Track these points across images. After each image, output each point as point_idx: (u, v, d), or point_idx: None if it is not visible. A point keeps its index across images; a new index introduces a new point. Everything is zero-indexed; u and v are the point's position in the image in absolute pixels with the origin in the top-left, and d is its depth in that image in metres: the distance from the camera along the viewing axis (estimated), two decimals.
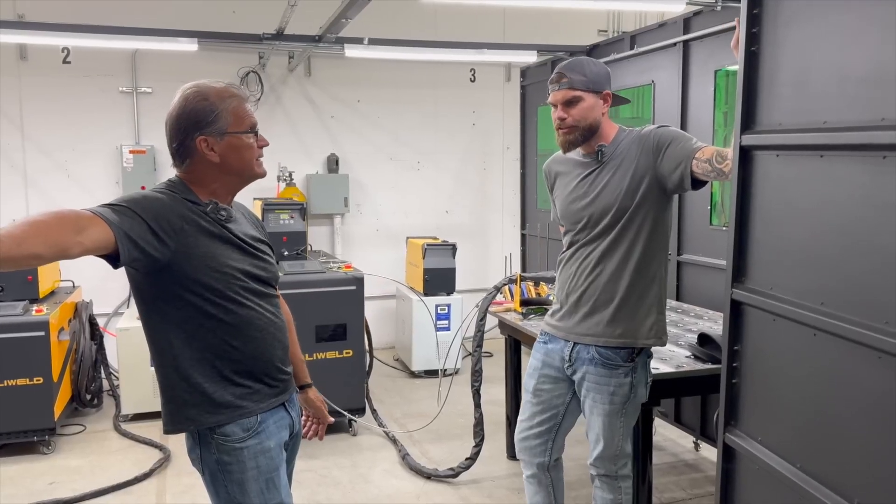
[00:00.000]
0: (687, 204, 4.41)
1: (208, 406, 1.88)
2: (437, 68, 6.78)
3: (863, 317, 1.49)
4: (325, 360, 4.53)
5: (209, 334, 1.86)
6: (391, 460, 4.27)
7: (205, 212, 1.86)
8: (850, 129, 1.50)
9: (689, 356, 3.03)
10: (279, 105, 6.42)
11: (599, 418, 2.54)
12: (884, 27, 1.40)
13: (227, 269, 1.85)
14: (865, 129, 1.45)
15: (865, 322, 1.48)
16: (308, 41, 5.23)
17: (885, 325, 1.42)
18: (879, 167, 1.43)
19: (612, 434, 2.56)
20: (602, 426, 2.55)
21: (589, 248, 2.54)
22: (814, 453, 1.65)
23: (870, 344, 1.46)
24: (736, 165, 1.88)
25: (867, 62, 1.46)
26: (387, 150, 6.81)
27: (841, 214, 1.54)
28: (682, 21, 4.39)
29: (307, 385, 2.29)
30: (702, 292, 4.31)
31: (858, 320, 1.50)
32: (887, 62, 1.39)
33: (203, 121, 1.85)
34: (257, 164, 1.96)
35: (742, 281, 1.90)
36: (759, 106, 1.81)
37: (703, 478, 4.03)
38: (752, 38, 1.81)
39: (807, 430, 1.67)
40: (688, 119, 4.38)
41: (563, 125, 2.50)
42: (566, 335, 2.61)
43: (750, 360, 1.89)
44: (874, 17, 1.44)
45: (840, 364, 1.56)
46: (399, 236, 6.65)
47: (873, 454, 1.47)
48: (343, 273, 4.62)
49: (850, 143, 1.50)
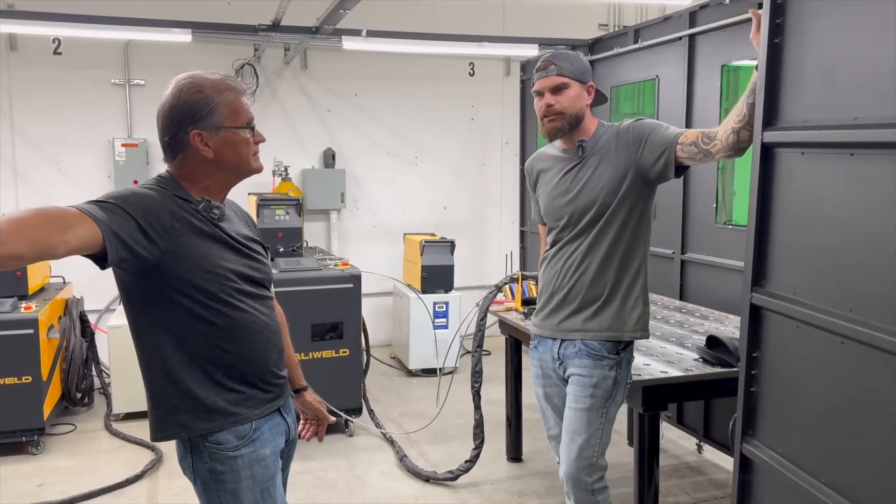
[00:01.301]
0: (691, 201, 4.33)
1: (200, 412, 1.80)
2: (436, 62, 6.68)
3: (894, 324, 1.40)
4: (321, 360, 4.44)
5: (200, 338, 1.77)
6: (388, 462, 4.19)
7: (196, 210, 1.77)
8: (885, 126, 1.41)
9: (698, 359, 2.95)
10: (275, 98, 6.31)
11: (579, 413, 2.49)
12: None
13: (220, 270, 1.76)
14: None
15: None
16: (305, 33, 5.12)
17: None
18: None
19: (589, 433, 2.48)
20: (580, 422, 2.48)
21: (573, 245, 2.51)
22: (840, 468, 1.57)
23: None
24: (757, 163, 1.80)
25: None
26: (384, 145, 6.71)
27: (874, 216, 1.45)
28: (688, 14, 4.29)
29: (303, 388, 2.21)
30: (706, 292, 4.23)
31: (892, 329, 1.41)
32: None
33: (198, 114, 1.76)
34: (254, 160, 1.88)
35: (762, 285, 1.82)
36: (782, 101, 1.73)
37: (707, 481, 3.95)
38: (775, 30, 1.72)
39: (833, 442, 1.59)
40: (693, 115, 4.29)
41: (550, 112, 2.47)
42: (553, 333, 2.59)
43: (770, 367, 1.80)
44: None
45: (871, 374, 1.48)
46: (396, 232, 6.56)
47: None
48: (340, 270, 4.53)
49: (885, 142, 1.41)
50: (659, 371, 2.79)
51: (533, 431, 4.42)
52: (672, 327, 3.55)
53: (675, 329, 3.51)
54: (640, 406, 2.78)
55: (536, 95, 2.51)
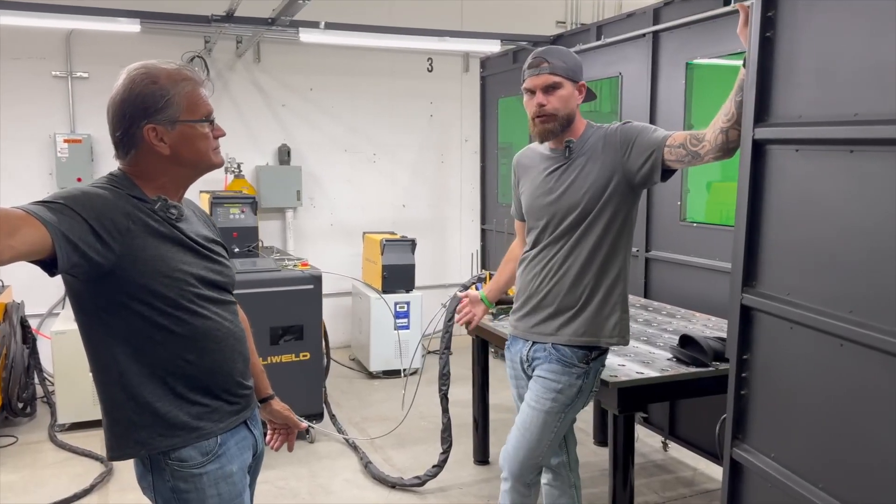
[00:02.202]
0: (656, 199, 4.32)
1: (161, 428, 1.67)
2: (394, 57, 6.55)
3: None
4: (281, 364, 4.28)
5: (160, 348, 1.64)
6: (352, 469, 4.06)
7: (153, 210, 1.63)
8: (888, 123, 1.36)
9: (671, 358, 2.91)
10: (226, 92, 6.09)
11: (535, 413, 2.46)
12: None
13: (179, 275, 1.64)
14: None
15: None
16: (260, 24, 4.93)
17: None
18: None
19: (541, 436, 2.47)
20: (535, 422, 2.46)
21: (554, 247, 2.45)
22: (839, 473, 1.52)
23: None
24: (747, 161, 1.74)
25: None
26: (341, 142, 6.55)
27: (875, 215, 1.41)
28: (652, 11, 4.28)
29: (269, 397, 2.10)
30: (671, 290, 4.23)
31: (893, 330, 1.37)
32: None
33: (152, 107, 1.62)
34: (214, 154, 1.76)
35: (752, 285, 1.77)
36: (774, 97, 1.68)
37: (675, 479, 3.95)
38: (766, 23, 1.67)
39: (831, 447, 1.55)
40: (657, 113, 4.28)
41: (542, 112, 2.38)
42: (525, 335, 2.55)
43: (761, 370, 1.75)
44: None
45: (872, 377, 1.43)
46: (355, 231, 6.41)
47: None
48: (300, 271, 4.37)
49: (888, 138, 1.37)
50: (635, 372, 2.74)
51: (499, 433, 4.35)
52: (641, 326, 3.52)
53: (645, 328, 3.48)
54: (615, 407, 2.73)
55: (527, 93, 2.42)
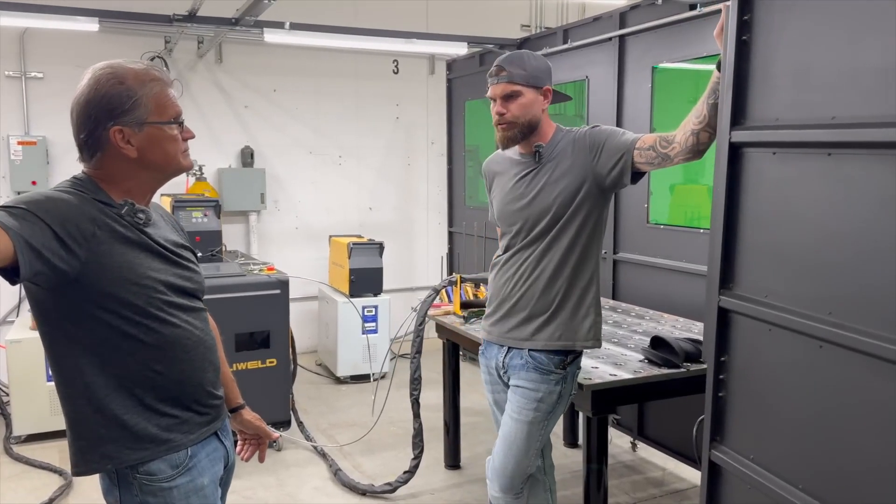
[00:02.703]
0: (623, 202, 4.35)
1: (128, 441, 1.61)
2: (359, 59, 6.49)
3: (878, 328, 1.37)
4: (247, 371, 4.19)
5: (128, 358, 1.58)
6: (321, 476, 3.99)
7: (119, 214, 1.57)
8: (866, 126, 1.38)
9: (643, 360, 2.93)
10: (187, 93, 5.95)
11: (519, 425, 2.44)
12: None
13: (147, 282, 1.58)
14: (884, 126, 1.33)
15: (882, 334, 1.36)
16: (224, 24, 4.84)
17: None
18: None
19: (528, 446, 2.45)
20: (520, 433, 2.44)
21: (526, 252, 2.44)
22: (819, 474, 1.53)
23: (887, 357, 1.34)
24: (723, 164, 1.75)
25: (886, 52, 1.34)
26: (306, 144, 6.47)
27: (853, 218, 1.42)
28: (619, 15, 4.31)
29: (240, 406, 2.04)
30: (638, 291, 4.26)
31: (873, 332, 1.38)
32: None
33: (118, 108, 1.56)
34: (183, 157, 1.71)
35: (730, 287, 1.78)
36: (750, 100, 1.69)
37: (644, 480, 3.97)
38: (743, 26, 1.68)
39: (810, 448, 1.56)
40: (623, 116, 4.31)
41: (502, 120, 2.38)
42: (500, 340, 2.52)
43: (739, 371, 1.76)
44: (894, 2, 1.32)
45: (852, 378, 1.45)
46: (320, 234, 6.33)
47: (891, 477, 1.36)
48: (266, 276, 4.29)
49: (866, 141, 1.38)
50: (608, 374, 2.75)
51: (470, 437, 4.34)
52: (611, 327, 3.53)
53: (615, 329, 3.49)
54: (589, 410, 2.73)
55: (491, 101, 2.41)
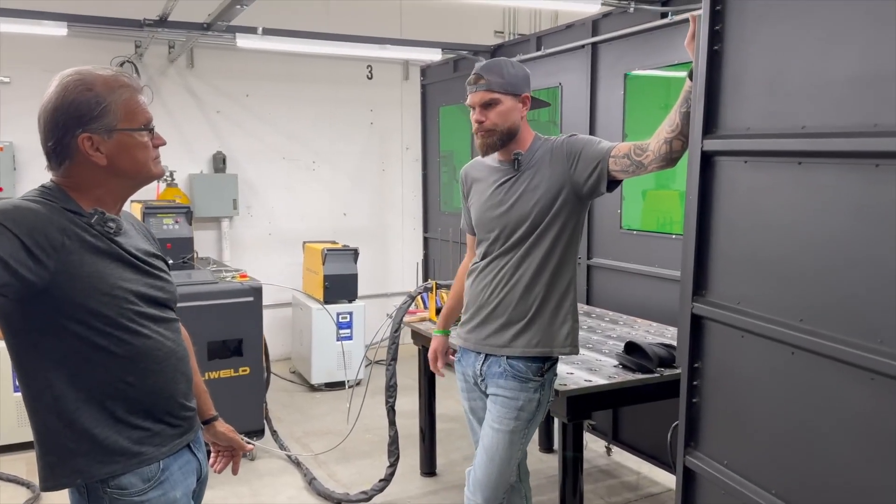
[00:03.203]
0: (597, 208, 4.38)
1: (99, 454, 1.58)
2: (332, 64, 6.47)
3: (850, 335, 1.40)
4: (219, 380, 4.14)
5: (98, 370, 1.55)
6: (296, 486, 3.95)
7: (89, 223, 1.54)
8: (836, 136, 1.40)
9: (617, 365, 2.95)
10: (158, 98, 5.87)
11: (500, 435, 2.43)
12: (878, 23, 1.31)
13: (118, 292, 1.55)
14: (855, 136, 1.36)
15: (853, 340, 1.39)
16: (196, 29, 4.78)
17: (880, 343, 1.33)
18: (870, 176, 1.34)
19: (509, 455, 2.44)
20: (502, 443, 2.43)
21: (504, 259, 2.44)
22: (792, 480, 1.55)
23: (861, 364, 1.37)
24: (695, 172, 1.77)
25: (857, 62, 1.36)
26: (279, 149, 6.42)
27: (824, 226, 1.44)
28: (591, 23, 4.35)
29: (213, 418, 2.01)
30: (612, 296, 4.29)
31: (845, 338, 1.41)
32: (883, 62, 1.30)
33: (87, 115, 1.54)
34: (154, 165, 1.69)
35: (703, 294, 1.79)
36: (722, 109, 1.71)
37: (619, 484, 4.00)
38: (714, 36, 1.70)
39: (783, 454, 1.57)
40: (596, 123, 4.35)
41: (481, 128, 2.40)
42: (477, 346, 2.51)
43: (713, 378, 1.78)
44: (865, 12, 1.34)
45: (824, 385, 1.47)
46: (294, 241, 6.28)
47: (863, 483, 1.39)
48: (238, 283, 4.24)
49: (836, 150, 1.41)
50: (583, 380, 2.76)
51: (445, 443, 4.33)
52: (586, 333, 3.55)
53: (589, 335, 3.51)
54: (564, 416, 2.74)
55: (470, 108, 2.42)
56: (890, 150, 1.29)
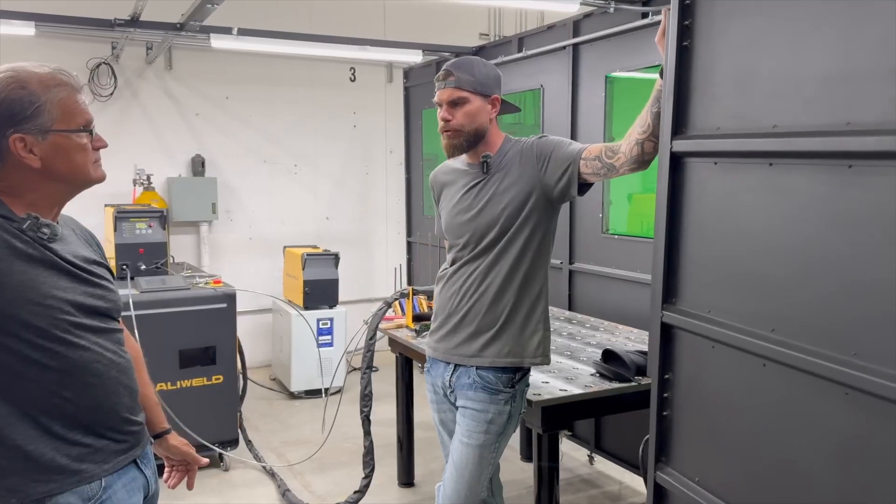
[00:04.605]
0: (578, 211, 4.30)
1: (34, 473, 1.49)
2: (315, 66, 6.38)
3: (823, 347, 1.32)
4: (191, 388, 4.03)
5: (31, 385, 1.47)
6: (269, 497, 3.85)
7: (20, 230, 1.45)
8: (808, 135, 1.32)
9: (595, 374, 2.86)
10: (135, 100, 5.76)
11: (470, 449, 2.33)
12: (851, 18, 1.23)
13: (52, 302, 1.47)
14: (827, 135, 1.28)
15: (827, 353, 1.30)
16: (168, 29, 4.68)
17: (854, 357, 1.25)
18: (843, 178, 1.26)
19: (480, 470, 2.35)
20: (472, 458, 2.33)
21: (472, 265, 2.35)
22: (764, 497, 1.47)
23: (834, 378, 1.29)
24: (665, 174, 1.69)
25: (830, 59, 1.28)
26: (260, 152, 6.32)
27: (796, 230, 1.36)
28: (572, 24, 4.27)
29: (165, 431, 1.92)
30: (594, 302, 4.21)
31: (818, 350, 1.32)
32: (856, 58, 1.22)
33: (19, 115, 1.46)
34: (94, 168, 1.60)
35: (672, 302, 1.71)
36: (692, 108, 1.63)
37: (602, 494, 3.91)
38: (684, 32, 1.62)
39: (755, 470, 1.49)
40: (578, 125, 4.27)
41: (448, 127, 2.32)
42: (446, 356, 2.42)
43: (683, 390, 1.70)
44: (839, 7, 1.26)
45: (796, 399, 1.39)
46: (275, 245, 6.18)
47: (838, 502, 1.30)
48: (211, 289, 4.13)
49: (807, 151, 1.33)
50: (558, 389, 2.67)
51: (424, 453, 4.23)
52: (565, 340, 3.47)
53: (568, 342, 3.43)
54: (539, 426, 2.65)
55: (437, 106, 2.34)
56: (863, 150, 1.21)
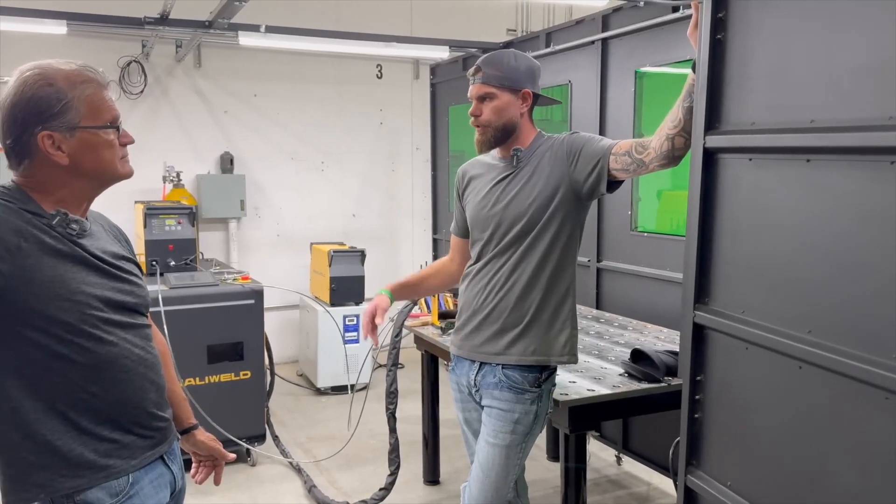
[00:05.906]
0: (607, 209, 4.25)
1: (62, 468, 1.50)
2: (341, 63, 6.39)
3: (861, 349, 1.27)
4: (220, 384, 4.06)
5: (59, 380, 1.48)
6: (296, 493, 3.86)
7: (50, 225, 1.47)
8: (847, 130, 1.28)
9: (623, 374, 2.82)
10: (165, 98, 5.83)
11: (497, 449, 2.30)
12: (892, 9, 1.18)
13: (81, 297, 1.47)
14: (867, 130, 1.23)
15: (865, 356, 1.26)
16: (197, 27, 4.72)
17: (894, 359, 1.20)
18: (884, 174, 1.21)
19: (506, 472, 2.32)
20: (498, 458, 2.30)
21: (499, 260, 2.32)
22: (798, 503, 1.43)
23: (872, 382, 1.24)
24: (698, 170, 1.65)
25: (869, 50, 1.24)
26: (287, 149, 6.35)
27: (834, 228, 1.32)
28: (601, 18, 4.22)
29: (192, 427, 1.92)
30: (623, 300, 4.15)
31: (856, 353, 1.28)
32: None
33: (47, 112, 1.47)
34: (121, 164, 1.60)
35: (705, 302, 1.67)
36: (726, 103, 1.58)
37: (629, 495, 3.86)
38: (717, 25, 1.58)
39: (790, 475, 1.45)
40: (606, 120, 4.21)
41: (476, 122, 2.30)
42: (471, 354, 2.39)
43: (716, 392, 1.65)
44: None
45: (833, 403, 1.34)
46: (302, 242, 6.21)
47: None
48: (239, 285, 4.16)
49: (847, 146, 1.28)
50: (586, 389, 2.63)
51: (450, 450, 4.21)
52: (593, 339, 3.42)
53: (596, 341, 3.38)
54: (566, 426, 2.61)
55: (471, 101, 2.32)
56: None
